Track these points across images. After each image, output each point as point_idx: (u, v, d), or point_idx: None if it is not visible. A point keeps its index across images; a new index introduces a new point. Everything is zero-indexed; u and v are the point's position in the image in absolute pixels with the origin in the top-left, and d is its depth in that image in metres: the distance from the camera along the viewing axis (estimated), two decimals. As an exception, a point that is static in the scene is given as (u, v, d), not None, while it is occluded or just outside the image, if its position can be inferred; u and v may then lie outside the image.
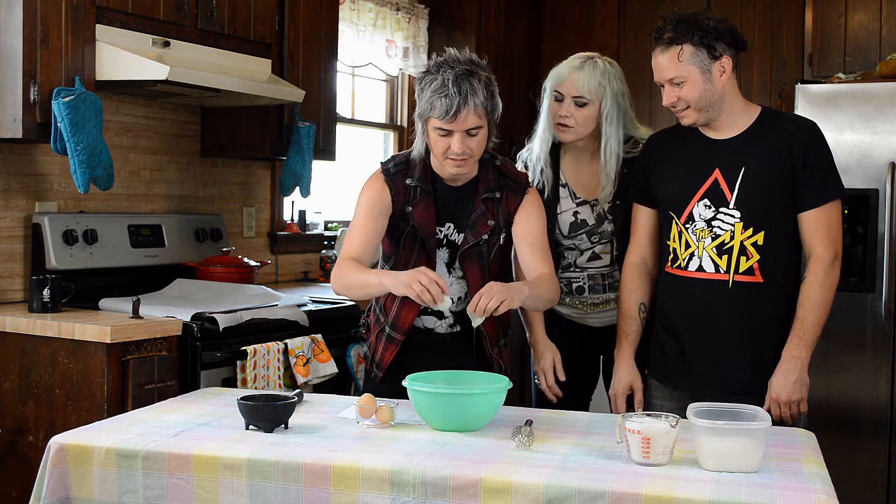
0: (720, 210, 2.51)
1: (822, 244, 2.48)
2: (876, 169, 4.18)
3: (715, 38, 2.47)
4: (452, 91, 2.39)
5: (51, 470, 2.00)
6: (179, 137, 3.81)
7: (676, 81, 2.49)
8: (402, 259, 2.61)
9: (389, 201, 2.57)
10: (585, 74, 2.79)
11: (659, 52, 2.51)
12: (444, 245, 2.60)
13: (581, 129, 2.81)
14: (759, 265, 2.49)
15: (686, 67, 2.47)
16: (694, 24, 2.47)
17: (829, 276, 2.48)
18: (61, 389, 2.82)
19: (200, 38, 3.35)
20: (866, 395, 4.23)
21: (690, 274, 2.55)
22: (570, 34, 5.58)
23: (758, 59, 5.19)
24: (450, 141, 2.44)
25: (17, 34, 2.82)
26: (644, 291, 2.70)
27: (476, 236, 2.57)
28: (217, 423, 2.18)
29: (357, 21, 4.66)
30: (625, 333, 2.70)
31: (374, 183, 2.61)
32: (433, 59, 2.51)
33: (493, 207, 2.58)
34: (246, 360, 3.01)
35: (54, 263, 3.16)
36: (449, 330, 2.65)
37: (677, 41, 2.47)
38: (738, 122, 2.55)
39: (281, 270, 4.31)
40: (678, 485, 1.78)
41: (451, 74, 2.41)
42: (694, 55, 2.47)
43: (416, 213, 2.56)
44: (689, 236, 2.55)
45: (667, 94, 2.53)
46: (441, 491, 1.83)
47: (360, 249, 2.56)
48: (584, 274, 2.89)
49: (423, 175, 2.57)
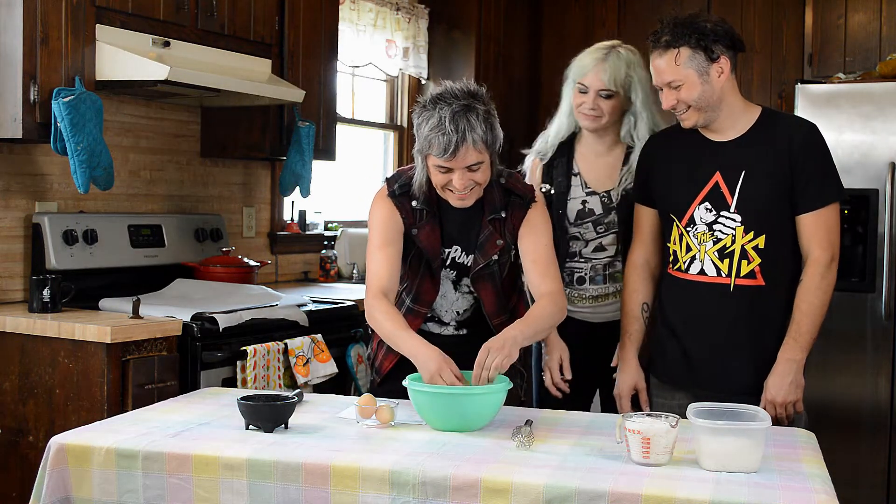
0: (721, 213, 2.50)
1: (819, 247, 2.48)
2: (876, 169, 4.18)
3: (712, 40, 2.45)
4: (450, 129, 2.31)
5: (51, 470, 2.00)
6: (179, 137, 3.81)
7: (675, 85, 2.48)
8: (407, 277, 2.60)
9: (401, 221, 2.54)
10: (611, 67, 2.78)
11: (657, 55, 2.49)
12: (448, 267, 2.59)
13: (608, 117, 2.83)
14: (760, 269, 2.49)
15: (684, 70, 2.46)
16: (691, 26, 2.45)
17: (825, 280, 2.47)
18: (61, 389, 2.82)
19: (200, 38, 3.35)
20: (866, 395, 4.23)
21: (692, 277, 2.55)
22: (570, 34, 5.58)
23: (758, 59, 5.19)
24: (450, 177, 2.39)
25: (17, 34, 2.82)
26: (647, 291, 2.70)
27: (486, 258, 2.54)
28: (217, 423, 2.18)
29: (357, 21, 4.66)
30: (628, 333, 2.70)
31: (384, 204, 2.56)
32: (429, 93, 2.42)
33: (500, 227, 2.55)
34: (246, 360, 3.01)
35: (54, 263, 3.16)
36: (454, 332, 2.64)
37: (674, 44, 2.46)
38: (738, 123, 2.54)
39: (281, 270, 4.31)
40: (678, 485, 1.78)
41: (448, 112, 2.33)
42: (691, 58, 2.45)
43: (421, 236, 2.53)
44: (690, 239, 2.55)
45: (665, 97, 2.52)
46: (441, 491, 1.83)
47: (388, 277, 2.49)
48: (587, 265, 2.90)
49: (429, 197, 2.53)
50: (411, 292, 2.60)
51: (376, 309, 2.45)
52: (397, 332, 2.40)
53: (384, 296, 2.46)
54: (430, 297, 2.58)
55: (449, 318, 2.64)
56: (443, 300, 2.62)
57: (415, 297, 2.59)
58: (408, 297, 2.61)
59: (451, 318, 2.64)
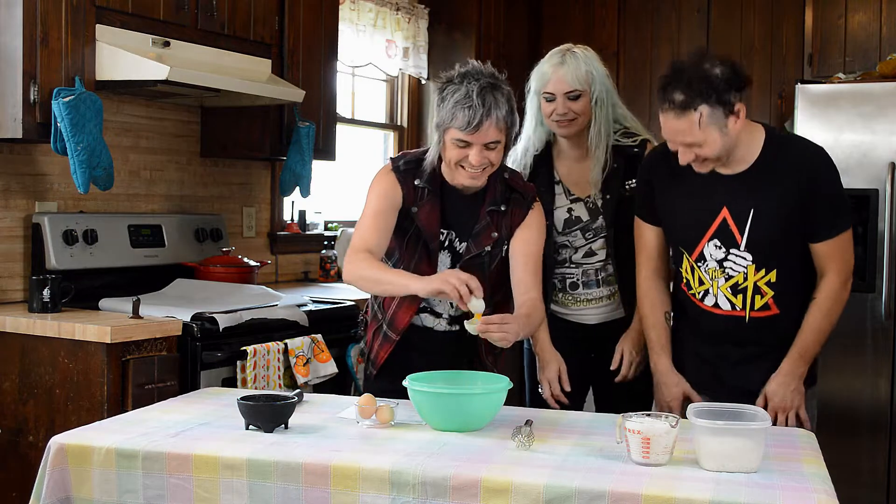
0: (731, 251, 2.46)
1: (834, 270, 2.46)
2: (876, 169, 4.18)
3: (725, 89, 2.30)
4: (477, 103, 2.36)
5: (51, 470, 2.00)
6: (179, 137, 3.81)
7: (695, 145, 2.34)
8: (403, 258, 2.60)
9: (400, 197, 2.55)
10: (571, 68, 2.77)
11: (672, 116, 2.32)
12: (446, 248, 2.59)
13: (582, 118, 2.80)
14: (774, 300, 2.48)
15: (705, 131, 2.31)
16: (705, 81, 2.29)
17: (837, 302, 2.47)
18: (61, 389, 2.82)
19: (200, 38, 3.35)
20: (866, 395, 4.23)
21: (706, 307, 2.54)
22: (570, 34, 5.53)
23: (758, 59, 5.19)
24: (467, 152, 2.41)
25: (17, 34, 2.82)
26: (666, 300, 2.66)
27: (479, 247, 2.55)
28: (217, 423, 2.18)
29: (357, 21, 4.66)
30: (659, 345, 2.64)
31: (385, 178, 2.58)
32: (456, 69, 2.47)
33: (497, 220, 2.56)
34: (246, 360, 3.01)
35: (54, 263, 3.16)
36: (447, 328, 2.65)
37: (692, 105, 2.29)
38: (746, 155, 2.44)
39: (281, 270, 4.31)
40: (678, 485, 1.78)
41: (476, 86, 2.37)
42: (711, 116, 2.30)
43: (421, 215, 2.54)
44: (701, 274, 2.52)
45: (682, 154, 2.37)
46: (441, 491, 1.83)
47: (375, 242, 2.50)
48: (578, 270, 2.89)
49: (433, 177, 2.55)
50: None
51: (359, 259, 2.44)
52: (384, 275, 2.42)
53: (368, 253, 2.46)
54: None
55: (442, 309, 2.64)
56: None
57: None
58: None
59: (444, 310, 2.63)
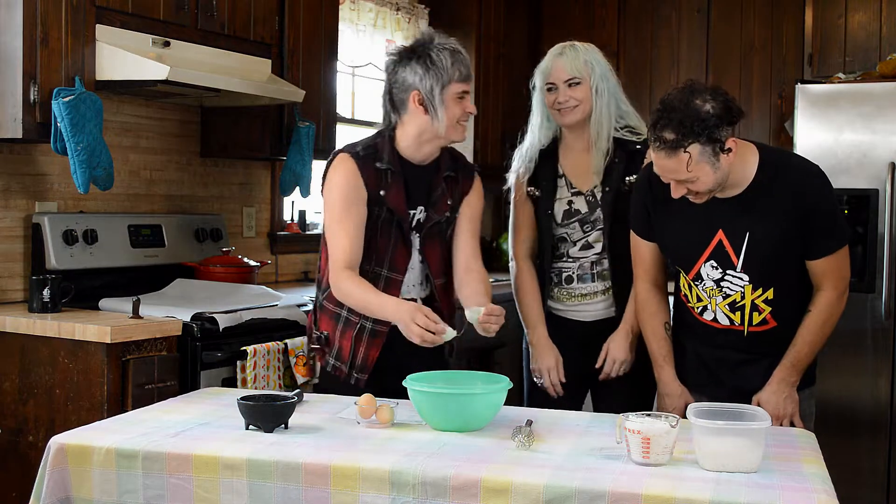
0: (727, 272, 2.47)
1: (830, 285, 2.47)
2: (876, 169, 4.18)
3: (716, 125, 2.27)
4: (465, 56, 2.61)
5: (51, 470, 2.00)
6: (179, 137, 3.81)
7: (687, 182, 2.34)
8: (379, 248, 2.60)
9: (363, 186, 2.57)
10: (569, 58, 2.87)
11: (663, 155, 2.31)
12: (414, 229, 2.63)
13: (584, 104, 2.84)
14: (771, 315, 2.49)
15: (696, 168, 2.30)
16: (695, 118, 2.26)
17: (833, 315, 2.48)
18: (61, 389, 2.82)
19: (200, 38, 3.35)
20: (866, 395, 4.24)
21: (705, 321, 2.55)
22: (570, 34, 5.50)
23: (758, 59, 5.19)
24: (465, 102, 2.60)
25: (17, 34, 2.82)
26: (665, 310, 2.67)
27: (440, 213, 2.63)
28: (217, 423, 2.18)
29: (357, 21, 4.66)
30: (661, 356, 2.64)
31: (345, 167, 2.57)
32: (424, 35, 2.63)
33: (451, 187, 2.67)
34: (246, 360, 3.01)
35: (54, 263, 3.16)
36: None
37: (682, 144, 2.27)
38: (741, 180, 2.42)
39: (281, 270, 4.31)
40: (678, 485, 1.78)
41: (449, 45, 2.59)
42: (702, 154, 2.28)
43: (389, 197, 2.58)
44: (699, 291, 2.53)
45: (675, 189, 2.37)
46: (441, 491, 1.83)
47: (351, 253, 2.53)
48: (575, 264, 2.90)
49: (392, 157, 2.60)
50: (385, 261, 2.61)
51: (344, 281, 2.53)
52: (368, 297, 2.51)
53: (350, 269, 2.54)
54: (404, 263, 2.62)
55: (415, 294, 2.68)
56: (410, 273, 2.65)
57: (390, 265, 2.61)
58: (383, 267, 2.62)
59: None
